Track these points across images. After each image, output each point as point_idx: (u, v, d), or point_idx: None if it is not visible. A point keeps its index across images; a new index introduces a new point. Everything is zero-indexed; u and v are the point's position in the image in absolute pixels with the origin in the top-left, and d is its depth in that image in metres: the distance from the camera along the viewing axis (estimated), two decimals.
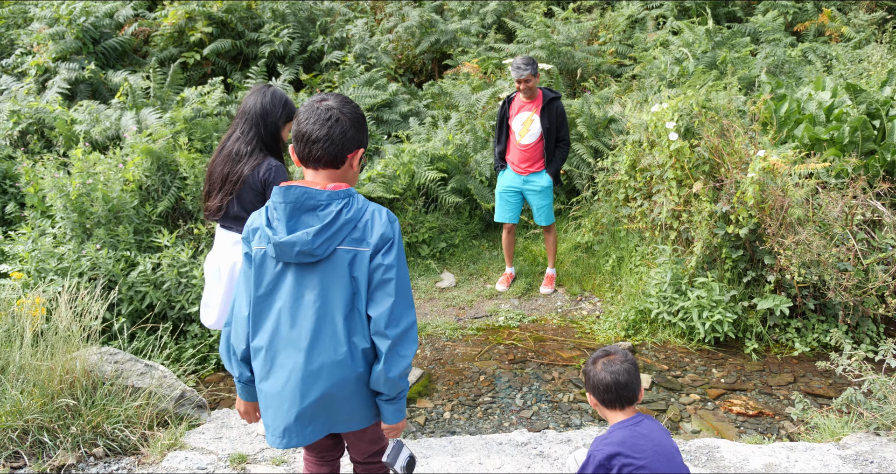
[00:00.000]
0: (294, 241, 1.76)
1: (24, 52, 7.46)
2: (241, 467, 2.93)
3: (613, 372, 2.36)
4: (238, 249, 2.85)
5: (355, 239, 1.81)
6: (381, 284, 1.81)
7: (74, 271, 4.18)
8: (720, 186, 4.65)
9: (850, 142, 5.01)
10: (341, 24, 8.46)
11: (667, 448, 2.22)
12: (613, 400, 2.35)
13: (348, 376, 1.83)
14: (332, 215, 1.78)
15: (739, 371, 4.32)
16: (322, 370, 1.82)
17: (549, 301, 5.39)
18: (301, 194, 1.79)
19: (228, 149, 2.88)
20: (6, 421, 2.93)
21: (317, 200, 1.79)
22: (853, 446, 3.11)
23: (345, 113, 1.84)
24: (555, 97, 5.04)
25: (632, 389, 2.34)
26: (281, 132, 2.94)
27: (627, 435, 2.25)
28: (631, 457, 2.16)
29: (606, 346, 2.49)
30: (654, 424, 2.31)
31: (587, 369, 2.42)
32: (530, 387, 4.24)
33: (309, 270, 1.81)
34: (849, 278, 4.28)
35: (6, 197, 5.28)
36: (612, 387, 2.34)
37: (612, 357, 2.41)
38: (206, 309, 2.99)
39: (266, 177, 2.83)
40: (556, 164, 5.15)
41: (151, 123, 5.72)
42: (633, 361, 2.39)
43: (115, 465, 2.96)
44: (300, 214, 1.80)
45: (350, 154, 1.87)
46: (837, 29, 8.16)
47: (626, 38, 8.41)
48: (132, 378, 3.30)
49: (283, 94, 2.92)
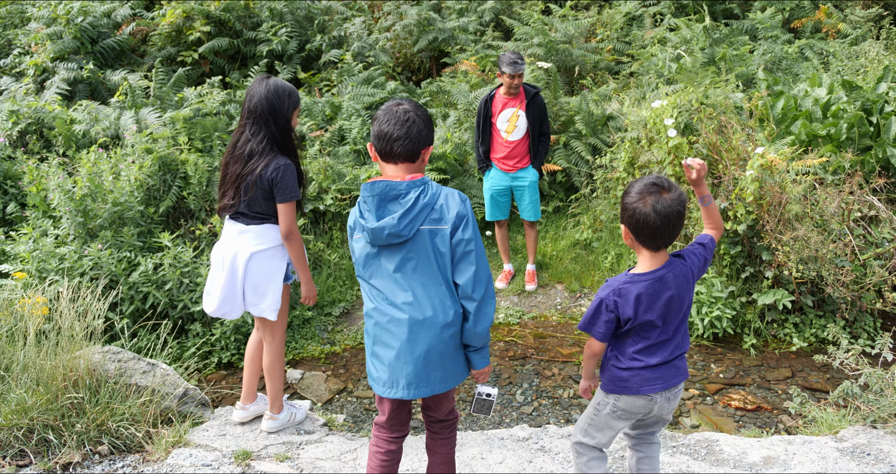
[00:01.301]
0: (383, 226, 2.10)
1: (22, 51, 7.46)
2: (245, 464, 2.96)
3: (665, 215, 2.06)
4: (241, 240, 2.94)
5: (434, 219, 2.16)
6: (464, 256, 2.16)
7: (76, 271, 4.19)
8: (718, 183, 4.68)
9: (847, 138, 5.04)
10: (339, 23, 8.47)
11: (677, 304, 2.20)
12: (653, 242, 2.14)
13: (444, 336, 2.18)
14: (411, 201, 2.11)
15: (738, 366, 4.35)
16: (423, 333, 2.16)
17: (549, 298, 5.42)
18: (384, 187, 2.13)
19: (241, 150, 2.87)
20: (11, 419, 2.95)
21: (398, 190, 2.13)
22: (850, 439, 3.15)
23: (419, 115, 2.20)
24: (536, 91, 5.06)
25: (676, 233, 2.12)
26: (291, 123, 2.94)
27: (643, 289, 2.16)
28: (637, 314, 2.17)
29: (655, 175, 2.15)
30: (678, 273, 2.19)
31: (631, 203, 2.11)
32: (531, 384, 4.27)
33: (400, 249, 2.15)
34: (846, 273, 4.31)
35: (7, 197, 5.28)
36: (657, 231, 2.09)
37: (665, 194, 2.08)
38: (208, 296, 3.02)
39: (273, 176, 2.84)
40: (541, 158, 5.19)
41: (151, 123, 5.73)
42: (685, 203, 2.10)
43: (120, 463, 2.98)
44: (386, 204, 2.13)
45: (423, 149, 2.22)
46: (834, 25, 8.19)
47: (624, 36, 8.43)
48: (135, 376, 3.33)
49: (283, 85, 2.89)
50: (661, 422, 2.48)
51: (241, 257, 2.93)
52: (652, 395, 2.30)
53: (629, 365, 2.27)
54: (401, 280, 2.18)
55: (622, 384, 2.30)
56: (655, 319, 2.20)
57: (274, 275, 3.00)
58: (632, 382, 2.28)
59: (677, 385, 2.34)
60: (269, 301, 3.00)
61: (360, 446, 3.17)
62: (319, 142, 6.28)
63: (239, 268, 2.93)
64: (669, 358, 2.28)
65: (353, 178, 5.75)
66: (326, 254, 5.44)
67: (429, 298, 2.17)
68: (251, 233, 2.94)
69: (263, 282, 2.98)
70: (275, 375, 3.17)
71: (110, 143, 5.83)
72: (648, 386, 2.27)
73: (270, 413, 3.23)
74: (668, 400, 2.34)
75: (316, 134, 6.41)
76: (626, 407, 2.34)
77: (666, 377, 2.28)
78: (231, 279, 2.94)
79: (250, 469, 2.93)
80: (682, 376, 2.35)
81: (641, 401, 2.31)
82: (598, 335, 2.28)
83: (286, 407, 3.30)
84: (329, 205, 5.55)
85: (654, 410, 2.34)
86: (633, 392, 2.28)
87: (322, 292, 5.20)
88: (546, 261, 5.81)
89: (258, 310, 3.02)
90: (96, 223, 4.52)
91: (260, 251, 2.94)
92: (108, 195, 4.60)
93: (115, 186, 4.68)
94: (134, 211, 4.66)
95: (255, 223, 2.95)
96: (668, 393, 2.33)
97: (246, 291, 2.98)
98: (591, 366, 2.43)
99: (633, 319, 2.20)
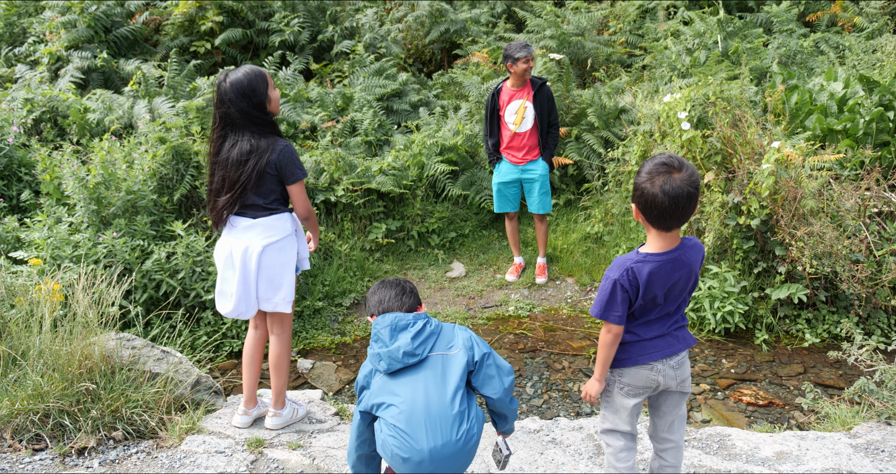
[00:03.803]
0: (399, 346, 2.26)
1: (37, 40, 7.49)
2: (258, 451, 2.98)
3: (674, 196, 2.01)
4: (249, 234, 2.89)
5: (444, 346, 2.33)
6: (488, 370, 2.32)
7: (90, 258, 4.22)
8: (732, 177, 4.65)
9: (864, 133, 4.99)
10: (351, 14, 8.45)
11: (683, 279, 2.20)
12: (663, 223, 2.10)
13: (468, 453, 2.27)
14: (420, 327, 2.31)
15: (749, 361, 4.34)
16: (452, 456, 2.22)
17: (559, 291, 5.41)
18: (394, 318, 2.33)
19: (232, 155, 2.82)
20: (28, 404, 2.98)
21: (406, 320, 2.32)
22: (864, 435, 3.13)
23: (407, 282, 2.49)
24: (543, 82, 5.04)
25: (688, 214, 2.07)
26: (268, 108, 2.87)
27: (656, 269, 2.15)
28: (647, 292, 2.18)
29: (667, 154, 2.08)
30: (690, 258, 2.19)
31: (641, 183, 2.07)
32: (541, 376, 4.27)
33: (415, 373, 2.27)
34: (861, 270, 4.28)
35: (21, 184, 5.32)
36: (666, 212, 2.04)
37: (675, 174, 2.03)
38: (222, 297, 2.96)
39: (279, 159, 2.83)
40: (551, 150, 5.17)
41: (164, 112, 5.74)
42: (697, 183, 2.04)
43: (134, 448, 3.01)
44: (398, 333, 2.30)
45: (419, 305, 2.47)
46: (850, 19, 8.10)
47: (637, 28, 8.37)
48: (149, 363, 3.35)
49: (239, 81, 2.78)
50: (677, 409, 2.42)
51: (254, 251, 2.88)
52: (652, 364, 2.29)
53: (625, 340, 2.29)
54: (417, 409, 2.21)
55: (620, 357, 2.31)
56: (658, 297, 2.21)
57: (287, 265, 2.98)
58: (629, 353, 2.29)
59: (679, 352, 2.32)
60: (284, 293, 2.97)
61: None
62: (331, 133, 6.28)
63: (252, 263, 2.89)
64: (667, 331, 2.29)
65: (364, 170, 5.75)
66: (337, 245, 5.45)
67: (447, 422, 2.21)
68: (260, 226, 2.90)
69: (278, 275, 2.95)
70: (282, 370, 3.12)
71: (123, 132, 5.85)
72: (646, 355, 2.28)
73: (274, 409, 3.16)
74: (673, 368, 2.31)
75: (327, 125, 6.41)
76: (630, 381, 2.33)
77: (662, 345, 2.28)
78: (245, 276, 2.90)
79: (263, 456, 2.95)
80: (683, 344, 2.33)
81: (644, 372, 2.30)
82: (615, 319, 2.22)
83: (288, 404, 3.23)
84: (340, 196, 5.56)
85: (660, 381, 2.32)
86: (631, 363, 2.29)
87: (332, 282, 5.21)
88: (557, 255, 5.80)
89: (271, 304, 2.97)
90: (110, 211, 4.54)
91: (272, 243, 2.91)
92: (121, 183, 4.62)
93: (129, 175, 4.70)
94: (147, 199, 4.68)
95: (263, 215, 2.91)
96: (670, 361, 2.31)
97: (259, 287, 2.93)
98: (611, 355, 2.32)
99: (641, 298, 2.19)
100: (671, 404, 2.42)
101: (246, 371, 3.15)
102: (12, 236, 4.51)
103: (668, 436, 2.46)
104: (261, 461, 2.92)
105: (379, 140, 6.45)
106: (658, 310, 2.26)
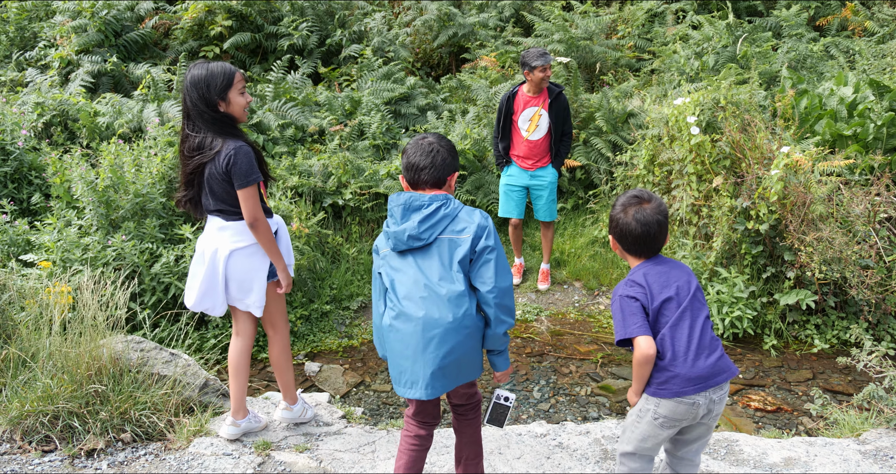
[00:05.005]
0: (404, 229, 2.29)
1: (48, 44, 7.55)
2: (265, 454, 2.99)
3: (645, 223, 2.22)
4: (221, 236, 2.86)
5: (455, 230, 2.31)
6: (485, 263, 2.27)
7: (99, 261, 4.24)
8: (741, 181, 4.63)
9: (875, 138, 4.96)
10: (359, 18, 8.48)
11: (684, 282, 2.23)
12: (638, 250, 2.28)
13: (459, 336, 2.26)
14: (432, 210, 2.30)
15: (758, 367, 4.31)
16: (444, 334, 2.24)
17: (567, 295, 5.40)
18: (409, 197, 2.34)
19: (184, 149, 2.81)
20: (38, 405, 3.00)
21: (421, 201, 2.32)
22: (873, 442, 3.11)
23: (443, 145, 2.41)
24: (560, 91, 5.00)
25: (660, 242, 2.25)
26: (223, 103, 2.77)
27: (647, 269, 2.25)
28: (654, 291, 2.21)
29: (638, 189, 2.33)
30: (675, 263, 2.29)
31: (615, 214, 2.29)
32: (548, 380, 4.26)
33: (421, 254, 2.30)
34: (871, 275, 4.25)
35: (31, 187, 5.36)
36: (640, 239, 2.23)
37: (645, 205, 2.24)
38: (189, 290, 2.95)
39: (225, 163, 2.72)
40: (562, 158, 5.14)
41: (173, 116, 5.77)
42: (665, 212, 2.24)
43: (142, 450, 3.02)
44: (410, 213, 2.31)
45: (449, 176, 2.42)
46: (861, 23, 8.06)
47: (646, 32, 8.36)
48: (157, 366, 3.36)
49: (199, 74, 2.73)
50: (703, 437, 2.35)
51: (221, 254, 2.85)
52: (694, 398, 2.18)
53: (665, 364, 2.17)
54: (418, 286, 2.28)
55: (661, 387, 2.19)
56: (671, 294, 2.21)
57: (256, 272, 2.89)
58: (671, 385, 2.18)
59: (722, 384, 2.22)
60: (254, 297, 2.90)
61: (379, 439, 3.19)
62: (339, 137, 6.30)
63: (219, 265, 2.85)
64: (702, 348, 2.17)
65: (372, 173, 5.76)
66: (345, 249, 5.47)
67: (445, 302, 2.25)
68: (231, 229, 2.85)
69: (248, 280, 2.89)
70: (284, 367, 3.11)
71: (133, 136, 5.89)
72: (690, 387, 2.16)
73: (286, 402, 3.18)
74: (715, 402, 2.22)
75: (336, 128, 6.43)
76: (667, 413, 2.21)
77: (706, 375, 2.17)
78: (211, 274, 2.86)
79: (270, 458, 2.96)
80: (727, 374, 2.22)
81: (683, 407, 2.19)
82: (639, 331, 2.16)
83: (300, 401, 3.24)
84: (348, 199, 5.57)
85: (698, 415, 2.22)
86: (671, 395, 2.17)
87: (340, 286, 5.22)
88: (564, 259, 5.79)
89: (244, 305, 2.93)
90: (119, 214, 4.57)
91: (240, 249, 2.85)
92: (130, 187, 4.65)
93: (138, 178, 4.73)
94: (156, 202, 4.71)
95: (233, 219, 2.85)
96: (713, 395, 2.20)
97: (230, 288, 2.90)
98: (646, 374, 2.22)
99: (654, 299, 2.20)
100: (698, 434, 2.35)
101: (232, 381, 3.04)
102: (22, 239, 4.55)
103: (686, 456, 2.43)
104: (268, 463, 2.93)
105: (387, 144, 6.47)
106: (677, 307, 2.19)
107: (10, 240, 4.50)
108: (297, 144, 6.28)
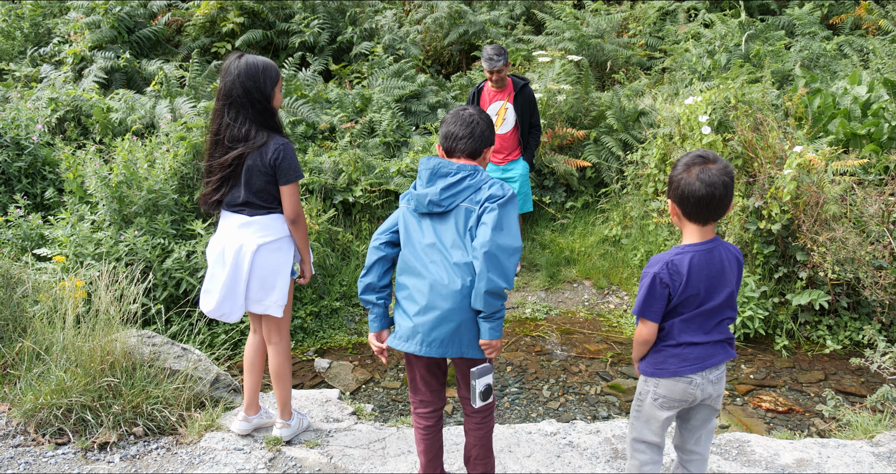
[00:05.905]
0: (426, 193, 2.34)
1: (62, 40, 7.61)
2: (276, 449, 3.00)
3: (710, 184, 2.04)
4: (245, 232, 2.77)
5: (476, 200, 2.32)
6: (483, 220, 2.28)
7: (112, 256, 4.27)
8: (753, 181, 4.61)
9: (889, 138, 4.92)
10: (370, 15, 8.49)
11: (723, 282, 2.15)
12: (700, 216, 2.11)
13: (464, 303, 2.28)
14: (457, 178, 2.33)
15: (769, 367, 4.29)
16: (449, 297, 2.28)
17: (576, 294, 5.39)
18: (437, 163, 2.37)
19: (223, 136, 2.71)
20: (51, 399, 3.02)
21: (448, 168, 2.35)
22: (887, 444, 3.09)
23: (482, 118, 2.44)
24: (525, 83, 5.05)
25: (724, 207, 2.08)
26: (272, 102, 2.74)
27: (695, 259, 2.11)
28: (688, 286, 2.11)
29: (701, 149, 2.13)
30: (726, 253, 2.17)
31: (676, 174, 2.11)
32: (557, 379, 4.26)
33: (439, 220, 2.35)
34: (885, 276, 4.22)
35: (45, 182, 5.40)
36: (703, 201, 2.06)
37: (710, 165, 2.07)
38: (207, 294, 2.83)
39: (275, 157, 2.68)
40: (531, 150, 5.19)
41: (186, 112, 5.80)
42: (731, 174, 2.08)
43: (154, 444, 3.04)
44: (436, 178, 2.35)
45: (485, 148, 2.45)
46: (875, 22, 7.99)
47: (657, 31, 8.33)
48: (169, 360, 3.38)
49: (256, 62, 2.68)
50: (708, 421, 2.37)
51: (248, 250, 2.74)
52: (690, 377, 2.21)
53: (665, 344, 2.21)
54: (432, 249, 2.33)
55: (658, 367, 2.23)
56: (701, 292, 2.14)
57: (282, 267, 2.82)
58: (668, 365, 2.21)
59: (718, 365, 2.23)
60: (277, 296, 2.81)
61: (389, 436, 3.19)
62: (350, 134, 6.31)
63: (244, 262, 2.74)
64: (706, 338, 2.19)
65: (382, 171, 5.77)
66: (355, 246, 5.48)
67: (454, 268, 2.29)
68: (256, 224, 2.76)
69: (271, 276, 2.80)
70: (284, 379, 2.98)
71: (145, 132, 5.92)
72: (685, 367, 2.19)
73: (283, 420, 3.05)
74: (712, 382, 2.23)
75: (346, 126, 6.44)
76: (665, 392, 2.25)
77: (703, 356, 2.19)
78: (234, 275, 2.76)
79: (281, 454, 2.97)
80: (723, 355, 2.23)
81: (681, 385, 2.22)
82: (652, 316, 2.17)
83: (295, 414, 3.13)
84: (359, 196, 5.58)
85: (697, 395, 2.24)
86: (669, 374, 2.21)
87: (350, 283, 5.23)
88: (574, 257, 5.78)
89: (262, 306, 2.82)
90: (131, 210, 4.60)
91: (267, 243, 2.76)
92: (143, 182, 4.68)
93: (150, 174, 4.75)
94: (168, 198, 4.73)
95: (260, 213, 2.76)
96: (710, 375, 2.22)
97: (251, 287, 2.79)
98: (642, 352, 2.28)
99: (681, 293, 2.13)
100: (702, 418, 2.36)
101: (247, 376, 3.02)
102: (36, 233, 4.59)
103: (695, 448, 2.42)
104: (279, 459, 2.94)
105: (397, 141, 6.48)
106: (698, 306, 2.16)
107: (24, 234, 4.54)
108: (308, 141, 6.30)
